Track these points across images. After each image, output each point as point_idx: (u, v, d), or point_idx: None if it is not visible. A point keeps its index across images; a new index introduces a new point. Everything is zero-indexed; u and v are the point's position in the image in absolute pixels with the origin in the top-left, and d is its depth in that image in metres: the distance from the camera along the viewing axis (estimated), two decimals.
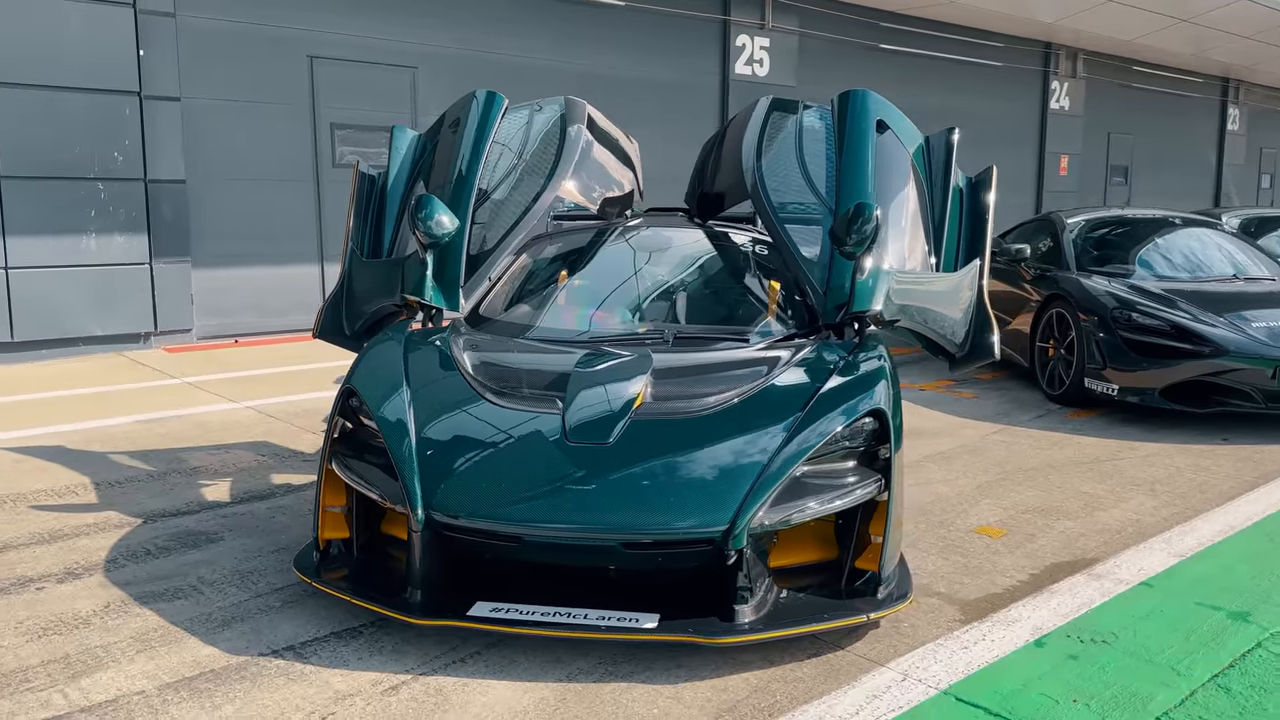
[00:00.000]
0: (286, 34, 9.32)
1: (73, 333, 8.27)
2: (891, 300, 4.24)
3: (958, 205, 4.98)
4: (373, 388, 3.69)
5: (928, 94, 15.62)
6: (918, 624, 3.47)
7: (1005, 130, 17.13)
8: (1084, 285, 7.00)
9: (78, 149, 8.10)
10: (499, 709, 2.88)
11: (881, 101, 5.06)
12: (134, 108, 8.35)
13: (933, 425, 6.37)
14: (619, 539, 3.11)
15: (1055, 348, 7.15)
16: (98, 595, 3.62)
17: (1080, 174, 18.73)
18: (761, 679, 3.07)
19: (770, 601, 3.27)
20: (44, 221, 8.01)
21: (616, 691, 2.98)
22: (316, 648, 3.23)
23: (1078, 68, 18.08)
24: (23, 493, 4.76)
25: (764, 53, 13.19)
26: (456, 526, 3.17)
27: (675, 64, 12.27)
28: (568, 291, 4.76)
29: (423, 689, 2.98)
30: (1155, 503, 4.87)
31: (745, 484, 3.19)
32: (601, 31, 11.60)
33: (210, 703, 2.89)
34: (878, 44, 14.70)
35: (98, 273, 8.33)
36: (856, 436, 3.51)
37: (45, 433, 5.85)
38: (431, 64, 10.19)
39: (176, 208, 8.77)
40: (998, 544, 4.27)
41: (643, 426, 3.42)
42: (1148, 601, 3.69)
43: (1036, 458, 5.65)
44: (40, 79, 7.88)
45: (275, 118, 9.36)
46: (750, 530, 3.11)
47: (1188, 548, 4.25)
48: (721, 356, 4.08)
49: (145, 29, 8.40)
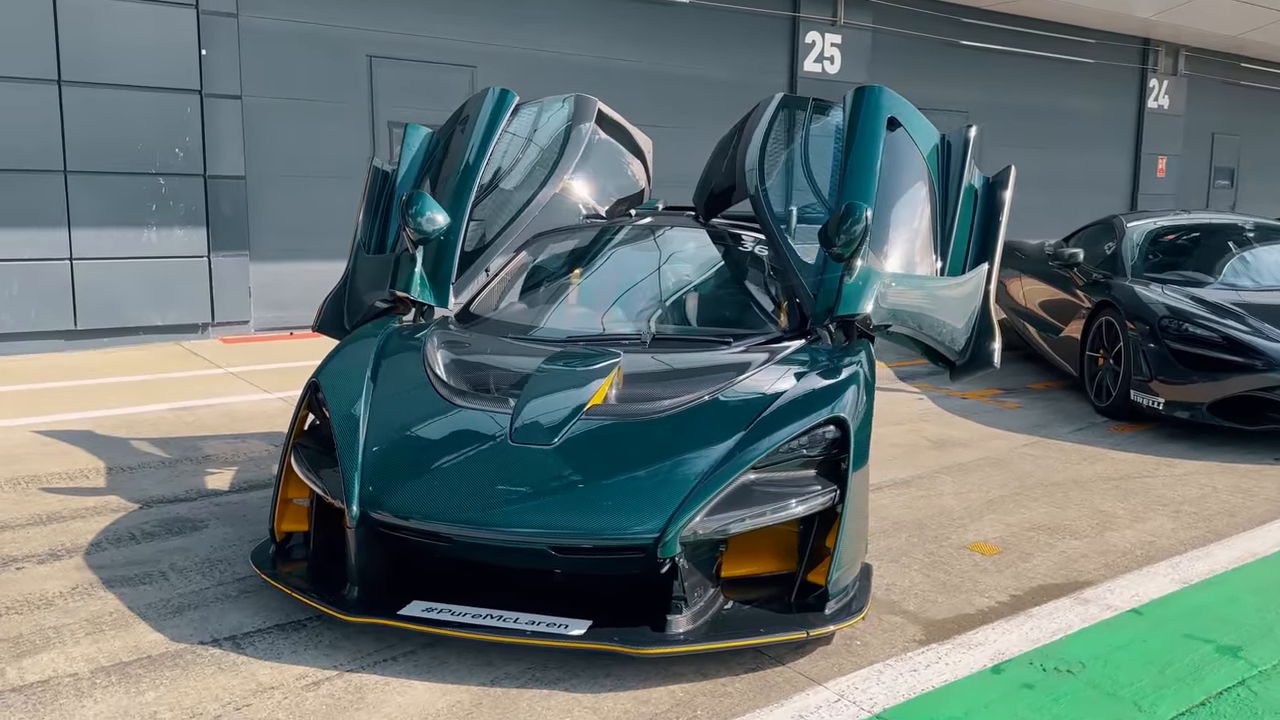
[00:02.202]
0: (346, 34, 9.51)
1: (133, 322, 8.59)
2: (881, 304, 4.08)
3: (970, 206, 4.78)
4: (336, 382, 3.71)
5: (1013, 92, 15.13)
6: (872, 642, 3.32)
7: (1097, 130, 16.47)
8: (1136, 292, 6.64)
9: (140, 145, 8.42)
10: (411, 710, 2.86)
11: (896, 98, 4.89)
12: (195, 106, 8.64)
13: (962, 435, 6.13)
14: (548, 542, 3.06)
15: (1105, 357, 6.81)
16: (70, 577, 3.72)
17: (1180, 176, 17.87)
18: (689, 692, 2.98)
19: (712, 612, 3.17)
20: (107, 214, 8.34)
21: (536, 699, 2.93)
22: (256, 639, 3.26)
23: (1179, 65, 17.24)
24: (38, 474, 4.95)
25: (835, 50, 12.93)
26: (389, 524, 3.16)
27: (739, 62, 12.11)
28: (555, 291, 4.72)
29: (344, 686, 2.98)
30: (1175, 525, 4.58)
31: (682, 491, 3.10)
32: (664, 29, 11.53)
33: (135, 688, 2.94)
34: (958, 40, 14.27)
35: (158, 265, 8.64)
36: (816, 445, 3.38)
37: (80, 417, 6.08)
38: (490, 63, 10.27)
39: (236, 203, 9.04)
40: (988, 562, 4.07)
41: (591, 429, 3.36)
42: (1131, 630, 3.46)
43: (1062, 472, 5.38)
44: (106, 78, 8.21)
45: (334, 116, 9.56)
46: (684, 539, 3.02)
47: (1195, 574, 3.98)
48: (694, 359, 3.98)
49: (207, 29, 8.67)
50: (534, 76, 10.27)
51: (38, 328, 8.17)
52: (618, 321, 4.42)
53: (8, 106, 7.86)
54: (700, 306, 4.60)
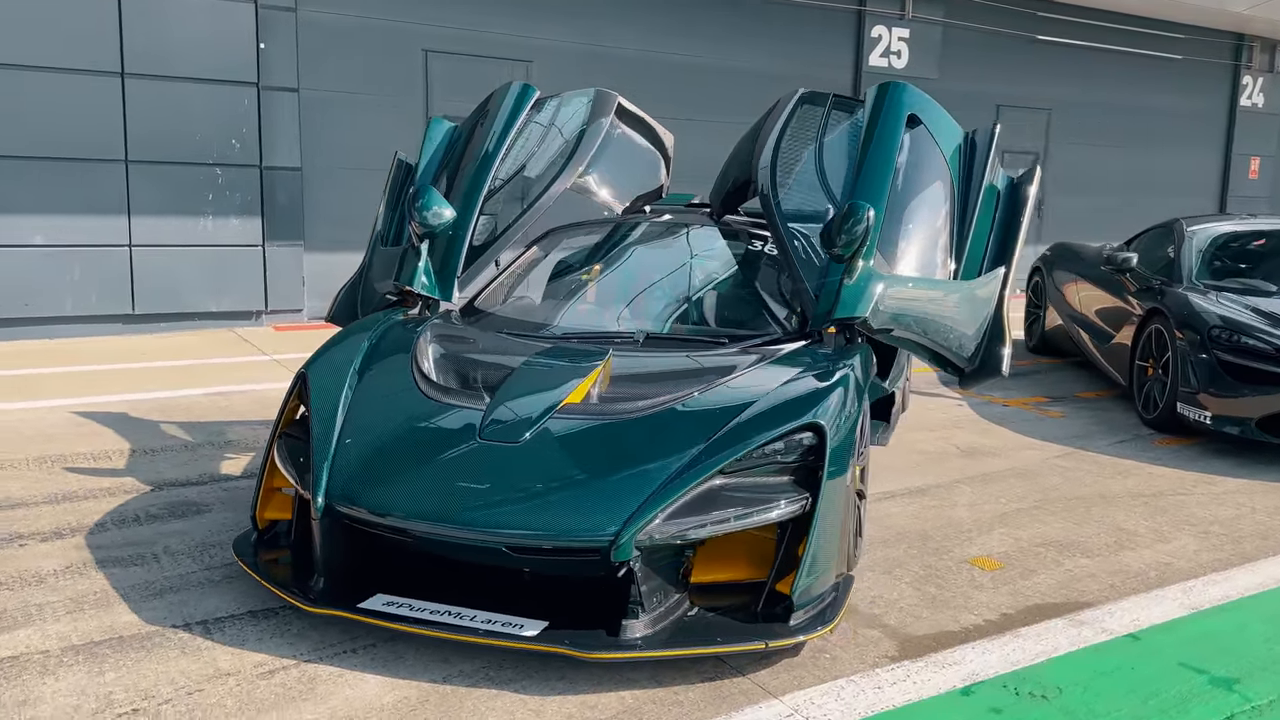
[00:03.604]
0: (403, 28, 9.63)
1: (190, 308, 8.85)
2: (882, 308, 3.95)
3: (991, 207, 4.62)
4: (322, 374, 3.75)
5: (1096, 90, 14.61)
6: (842, 656, 3.22)
7: (1184, 129, 15.82)
8: (1188, 300, 6.33)
9: (199, 136, 8.65)
10: (357, 704, 2.86)
11: (919, 95, 4.74)
12: (252, 98, 8.84)
13: (993, 444, 5.93)
14: (503, 542, 3.03)
15: (1154, 367, 6.51)
16: (68, 556, 3.83)
17: (1274, 178, 17.07)
18: (639, 699, 2.92)
19: (674, 618, 3.12)
20: (166, 203, 8.59)
21: (482, 699, 2.91)
22: (227, 625, 3.31)
23: (1275, 61, 16.44)
24: (65, 454, 5.12)
25: (902, 44, 12.64)
26: (352, 517, 3.17)
27: (802, 56, 11.92)
28: (557, 287, 4.70)
29: (298, 676, 3.00)
30: (1200, 546, 4.35)
31: (642, 494, 3.05)
32: (724, 24, 11.41)
33: (99, 668, 3.00)
34: (1034, 35, 13.82)
35: (214, 253, 8.88)
36: (792, 451, 3.29)
37: (119, 399, 6.27)
38: (546, 58, 10.29)
39: (291, 194, 9.23)
40: (985, 578, 3.92)
41: (560, 429, 3.33)
42: (1122, 656, 3.29)
43: (1091, 486, 5.16)
44: (167, 71, 8.45)
45: (389, 110, 9.69)
46: (639, 543, 2.97)
47: (1208, 599, 3.78)
48: (682, 361, 3.91)
49: (266, 23, 8.86)
50: (590, 71, 10.26)
51: (98, 312, 8.46)
52: (614, 319, 4.37)
53: (74, 98, 8.15)
54: (701, 306, 4.53)
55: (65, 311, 8.34)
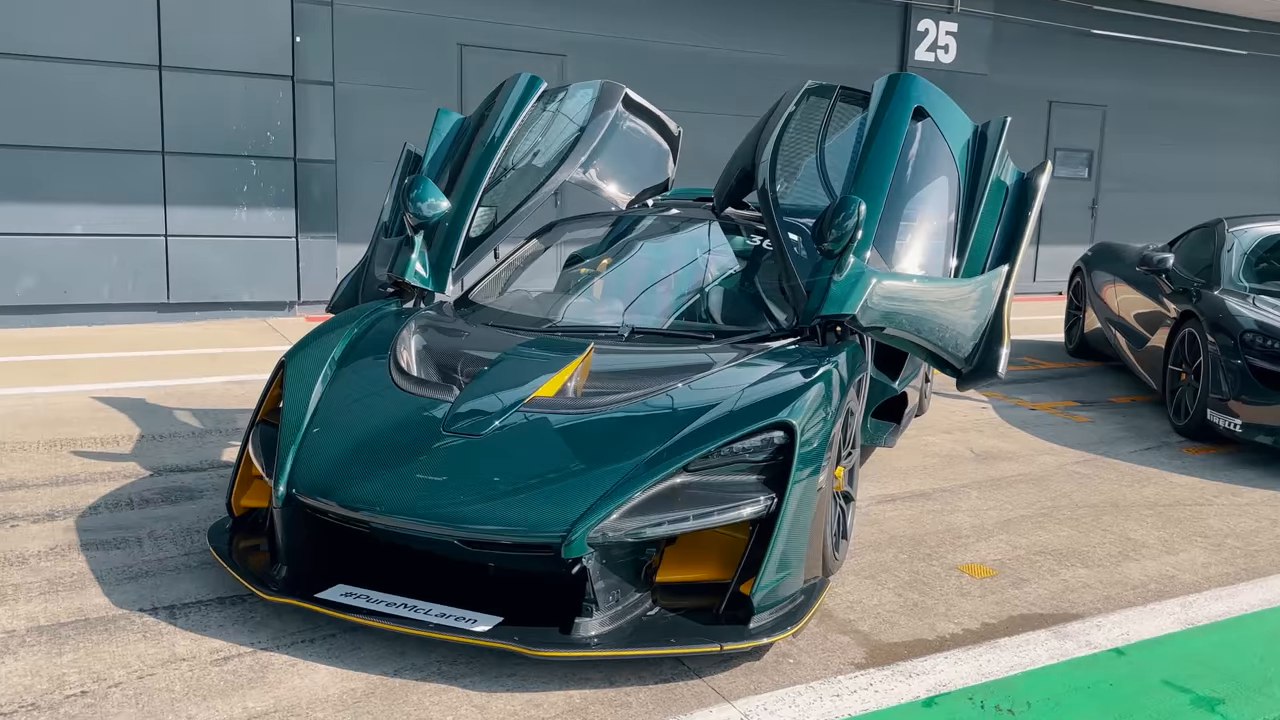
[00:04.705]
0: (438, 22, 9.67)
1: (223, 298, 8.99)
2: (872, 305, 3.85)
3: (998, 202, 4.48)
4: (300, 362, 3.76)
5: (1155, 86, 14.18)
6: (806, 662, 3.13)
7: (1249, 127, 15.28)
8: (1223, 303, 6.08)
9: (234, 128, 8.78)
10: (302, 694, 2.85)
11: (927, 87, 4.63)
12: (287, 91, 8.95)
13: (1011, 448, 5.75)
14: (456, 535, 3.00)
15: (1186, 373, 6.27)
16: (55, 538, 3.89)
17: None
18: (586, 699, 2.87)
19: (632, 617, 3.06)
20: (201, 194, 8.74)
21: (429, 693, 2.88)
22: (192, 610, 3.33)
23: None
24: (77, 438, 5.22)
25: (950, 38, 12.38)
26: (312, 506, 3.17)
27: (845, 50, 11.72)
28: (551, 280, 4.66)
29: (251, 664, 3.00)
30: (1210, 559, 4.16)
31: (598, 490, 2.99)
32: (765, 17, 11.28)
33: (58, 650, 3.04)
34: (1089, 29, 13.44)
35: (248, 244, 9.01)
36: (762, 450, 3.21)
37: (140, 386, 6.38)
38: (580, 52, 10.27)
39: (325, 186, 9.33)
40: (974, 585, 3.79)
41: (524, 422, 3.29)
42: (1102, 671, 3.16)
43: (1105, 494, 4.98)
44: (202, 64, 8.59)
45: (424, 103, 9.68)
46: (593, 539, 2.91)
47: (1207, 615, 3.61)
48: (662, 356, 3.84)
49: (301, 17, 8.96)
50: (624, 65, 10.22)
51: (134, 300, 8.64)
52: (603, 313, 4.33)
53: (113, 91, 8.32)
54: (693, 301, 4.45)
55: (103, 299, 8.53)
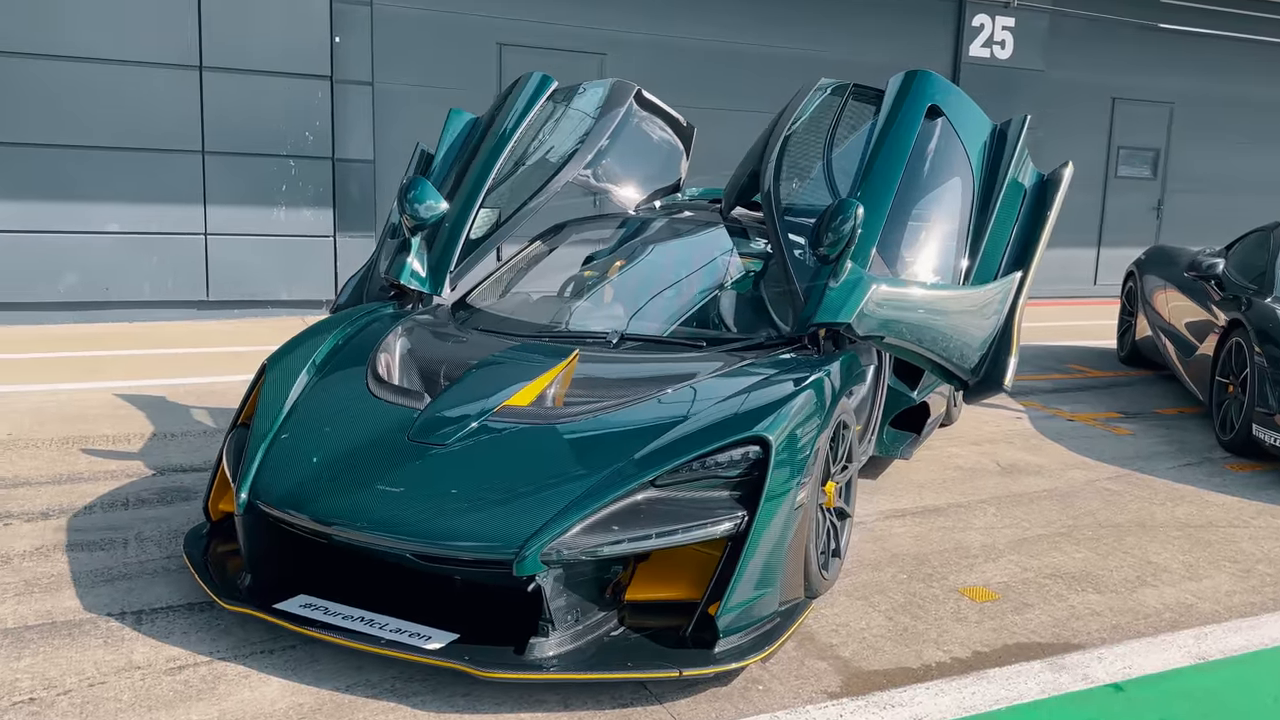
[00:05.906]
0: (478, 22, 9.65)
1: (261, 296, 9.08)
2: (870, 313, 3.67)
3: (1015, 205, 4.27)
4: (281, 365, 3.72)
5: (1225, 82, 13.60)
6: (777, 689, 2.98)
7: None
8: (1273, 312, 5.74)
9: (273, 128, 8.86)
10: (249, 707, 2.79)
11: (943, 85, 4.44)
12: (325, 91, 9.00)
13: (1039, 462, 5.50)
14: (410, 549, 2.91)
15: (1234, 384, 5.94)
16: (43, 538, 3.91)
17: None
18: None
19: (593, 637, 2.95)
20: (240, 193, 8.84)
21: (376, 711, 2.79)
22: (159, 616, 3.30)
23: None
24: (89, 435, 5.27)
25: (1006, 33, 12.02)
26: (271, 514, 3.11)
27: (896, 46, 11.42)
28: (550, 283, 4.56)
29: (205, 674, 2.95)
30: (1236, 586, 3.91)
31: (557, 505, 2.88)
32: (813, 12, 11.06)
33: (17, 654, 3.02)
34: (1156, 23, 12.94)
35: (286, 242, 9.09)
36: (737, 464, 3.07)
37: (161, 384, 6.44)
38: (620, 50, 10.17)
39: (363, 186, 9.37)
40: (973, 610, 3.59)
41: (491, 433, 3.19)
42: (1095, 709, 2.95)
43: (1133, 513, 4.72)
44: (241, 64, 8.68)
45: (463, 104, 9.52)
46: (547, 556, 2.80)
47: (1223, 649, 3.37)
48: (646, 365, 3.71)
49: (340, 17, 9.01)
50: (665, 64, 10.11)
51: (174, 298, 8.77)
52: (594, 318, 4.22)
53: (155, 91, 8.45)
54: (686, 307, 4.31)
55: (143, 297, 8.67)
